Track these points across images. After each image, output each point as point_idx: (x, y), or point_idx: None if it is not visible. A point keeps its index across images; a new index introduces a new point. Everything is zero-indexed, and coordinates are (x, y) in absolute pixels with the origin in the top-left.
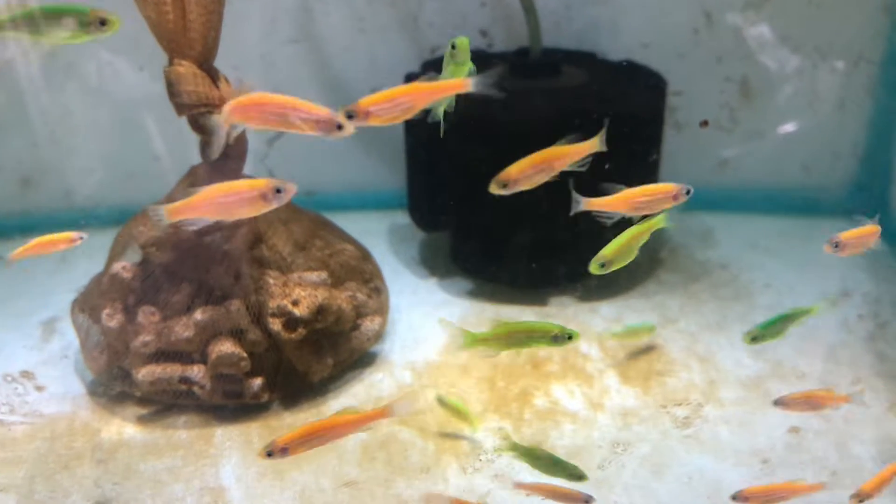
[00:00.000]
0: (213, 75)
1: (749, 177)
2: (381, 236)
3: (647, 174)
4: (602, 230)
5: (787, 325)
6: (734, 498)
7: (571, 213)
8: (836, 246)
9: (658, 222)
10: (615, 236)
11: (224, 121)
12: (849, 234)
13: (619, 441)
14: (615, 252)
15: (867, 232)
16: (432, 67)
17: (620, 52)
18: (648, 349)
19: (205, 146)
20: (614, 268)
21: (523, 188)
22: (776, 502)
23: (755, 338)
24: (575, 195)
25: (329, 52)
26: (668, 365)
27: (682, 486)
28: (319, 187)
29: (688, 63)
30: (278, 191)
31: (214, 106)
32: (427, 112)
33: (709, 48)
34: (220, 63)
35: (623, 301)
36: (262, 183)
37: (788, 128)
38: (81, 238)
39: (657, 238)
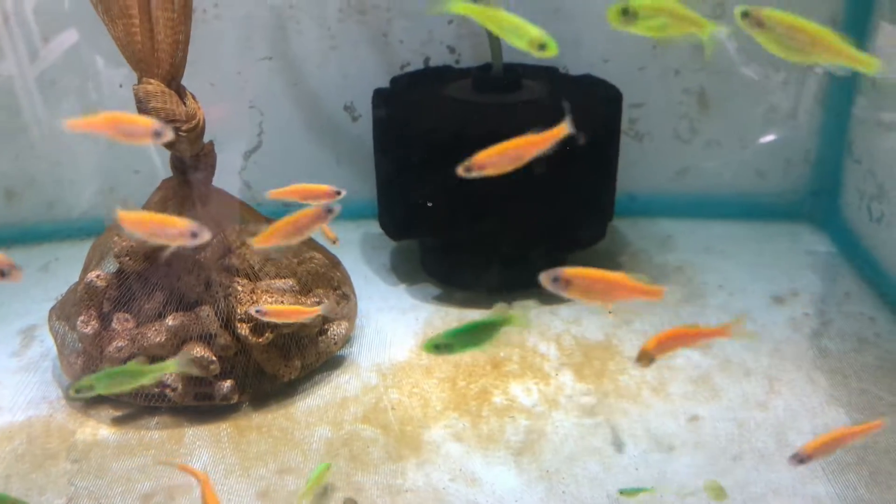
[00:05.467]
0: (180, 93)
1: (707, 184)
2: (353, 245)
3: (608, 180)
4: (560, 240)
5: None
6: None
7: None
8: (801, 461)
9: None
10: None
11: None
12: (813, 444)
13: (571, 435)
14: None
15: (834, 438)
16: (400, 82)
17: (583, 67)
18: (603, 349)
19: (174, 160)
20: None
21: (489, 174)
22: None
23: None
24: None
25: (302, 68)
26: (621, 363)
27: (629, 475)
28: (293, 205)
29: (647, 76)
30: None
31: (182, 122)
32: (394, 125)
33: (667, 62)
34: (198, 80)
35: (581, 304)
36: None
37: (769, 137)
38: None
39: (618, 244)
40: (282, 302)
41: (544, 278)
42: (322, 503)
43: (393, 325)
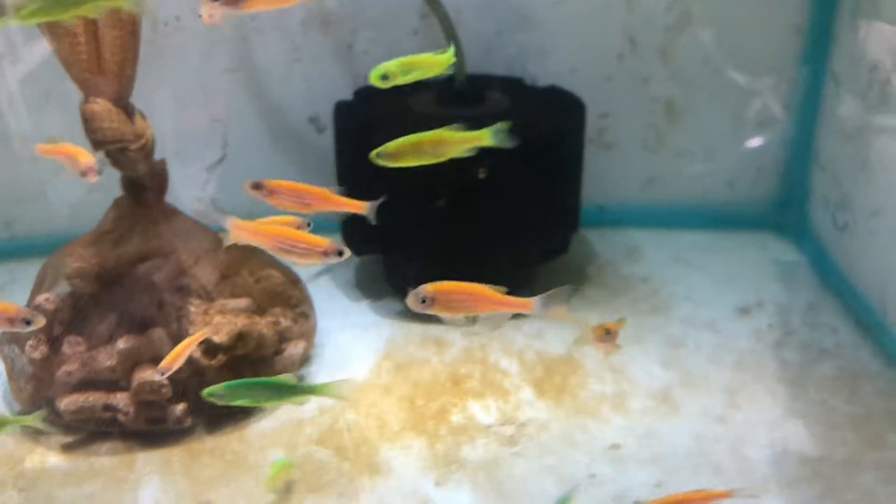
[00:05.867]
0: (128, 111)
1: (676, 193)
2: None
3: (570, 191)
4: (522, 253)
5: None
6: None
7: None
8: None
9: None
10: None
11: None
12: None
13: (528, 453)
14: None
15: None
16: (364, 94)
17: (549, 77)
18: (565, 364)
19: (125, 180)
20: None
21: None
22: None
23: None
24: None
25: (266, 80)
26: (582, 378)
27: (586, 493)
28: (259, 213)
29: (614, 86)
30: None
31: (130, 142)
32: (355, 139)
33: (634, 71)
34: (160, 93)
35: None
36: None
37: (755, 142)
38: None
39: (586, 255)
40: (235, 322)
41: (411, 301)
42: None
43: (353, 342)
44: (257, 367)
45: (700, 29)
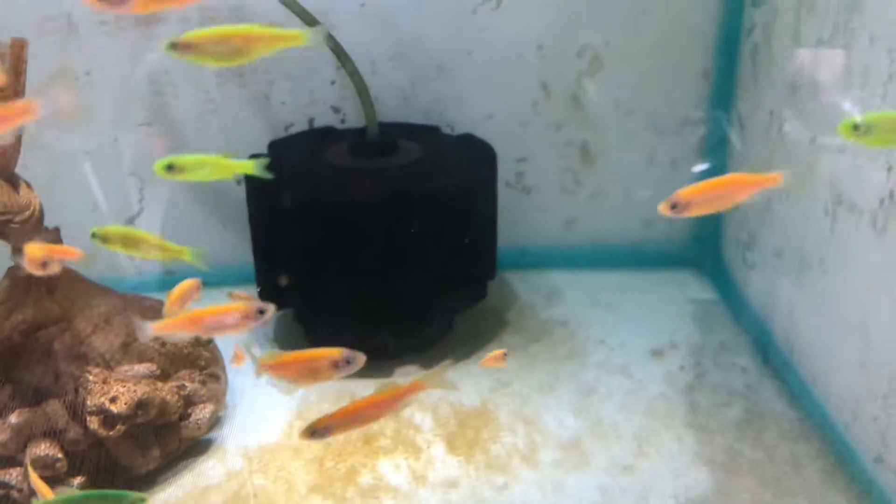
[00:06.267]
0: (13, 183)
1: (595, 234)
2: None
3: (485, 239)
4: (438, 302)
5: None
6: None
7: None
8: None
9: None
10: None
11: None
12: None
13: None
14: None
15: None
16: (277, 147)
17: (466, 124)
18: (479, 416)
19: (14, 252)
20: None
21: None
22: None
23: None
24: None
25: (182, 133)
26: (495, 431)
27: None
28: (179, 266)
29: (530, 131)
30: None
31: (15, 214)
32: (265, 193)
33: (548, 117)
34: (72, 148)
35: (464, 367)
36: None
37: (701, 167)
38: None
39: (506, 299)
40: (134, 391)
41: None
42: None
43: (267, 401)
44: (162, 434)
45: (611, 74)
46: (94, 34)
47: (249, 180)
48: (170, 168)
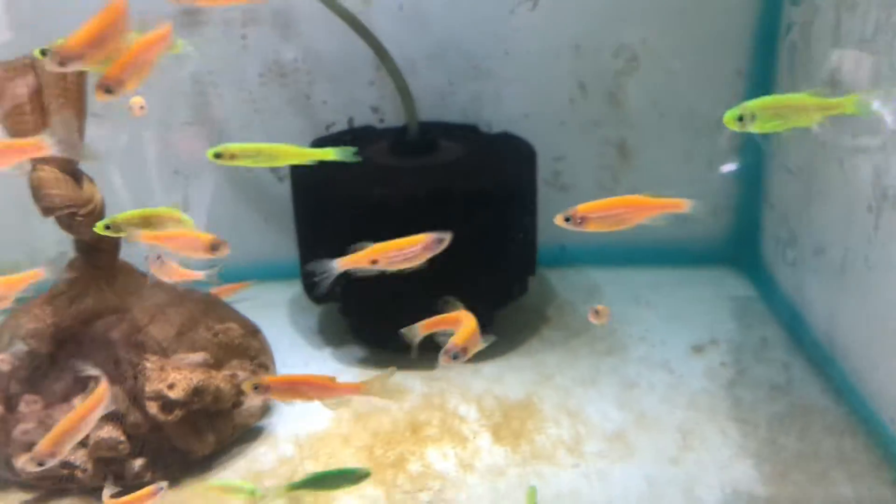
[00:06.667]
0: (76, 177)
1: (633, 232)
2: (280, 308)
3: (525, 236)
4: (479, 298)
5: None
6: None
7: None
8: None
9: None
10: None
11: None
12: None
13: (483, 500)
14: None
15: None
16: (321, 145)
17: (503, 123)
18: (523, 408)
19: (78, 243)
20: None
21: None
22: None
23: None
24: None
25: (225, 131)
26: (539, 422)
27: None
28: (223, 260)
29: (568, 130)
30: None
31: (79, 207)
32: (310, 189)
33: (586, 115)
34: (121, 148)
35: (505, 360)
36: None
37: (729, 166)
38: None
39: (546, 295)
40: (191, 378)
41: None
42: None
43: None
44: (216, 420)
45: (647, 73)
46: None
47: (295, 177)
48: (254, 155)
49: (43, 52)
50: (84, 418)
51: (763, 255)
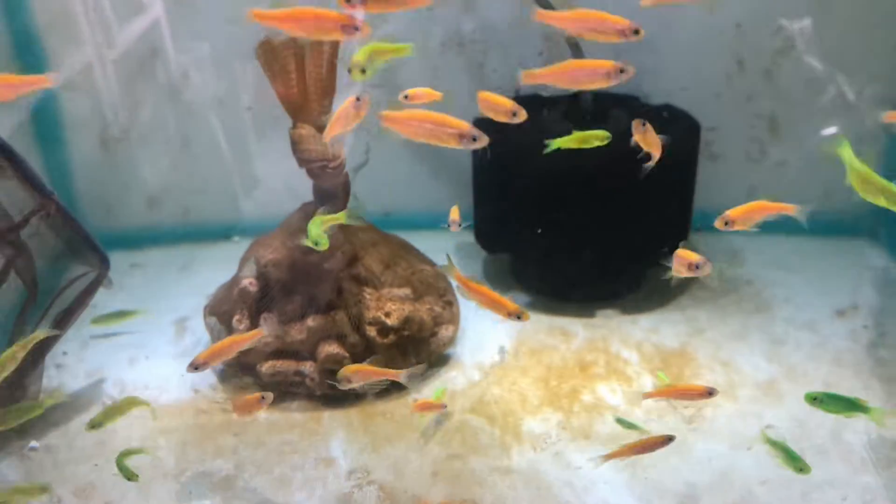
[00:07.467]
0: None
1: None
2: (449, 253)
3: (684, 202)
4: (638, 256)
5: (842, 408)
6: None
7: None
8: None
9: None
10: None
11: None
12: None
13: (651, 431)
14: None
15: None
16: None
17: (661, 95)
18: (680, 356)
19: (317, 188)
20: None
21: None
22: None
23: (815, 399)
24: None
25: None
26: (695, 369)
27: (703, 466)
28: (395, 208)
29: (722, 102)
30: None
31: (329, 161)
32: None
33: (740, 89)
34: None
35: (659, 314)
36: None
37: (831, 130)
38: None
39: None
40: (403, 308)
41: None
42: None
43: (490, 329)
44: (418, 346)
45: (804, 52)
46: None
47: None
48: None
49: None
50: (236, 343)
51: None
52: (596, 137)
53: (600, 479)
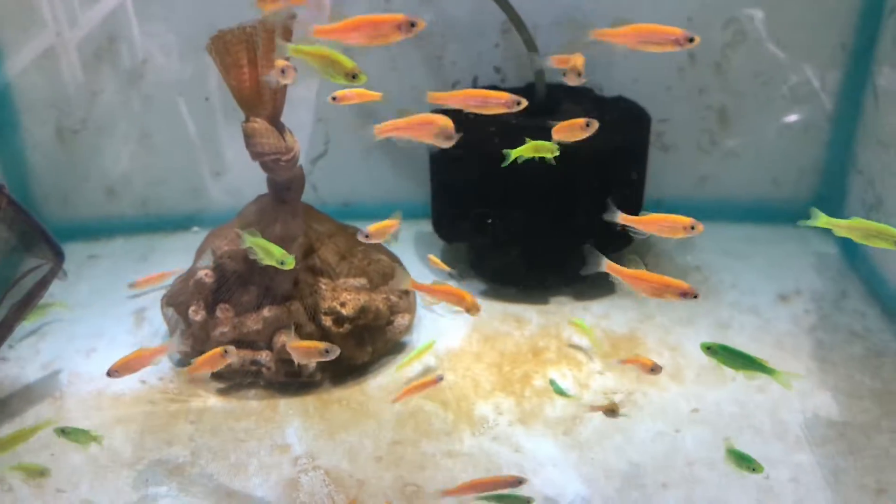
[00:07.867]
0: (280, 129)
1: (726, 191)
2: (408, 243)
3: (635, 192)
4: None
5: (744, 365)
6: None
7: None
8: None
9: None
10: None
11: None
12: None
13: (598, 414)
14: None
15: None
16: None
17: (615, 87)
18: (629, 340)
19: (271, 182)
20: None
21: None
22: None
23: (710, 349)
24: (611, 206)
25: (365, 86)
26: (644, 353)
27: (645, 446)
28: (353, 199)
29: (673, 95)
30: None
31: (282, 154)
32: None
33: (692, 82)
34: None
35: (610, 301)
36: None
37: (791, 118)
38: None
39: (645, 246)
40: (358, 298)
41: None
42: None
43: (446, 317)
44: (374, 335)
45: (752, 46)
46: None
47: None
48: None
49: None
50: (145, 357)
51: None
52: (546, 149)
53: (549, 461)
